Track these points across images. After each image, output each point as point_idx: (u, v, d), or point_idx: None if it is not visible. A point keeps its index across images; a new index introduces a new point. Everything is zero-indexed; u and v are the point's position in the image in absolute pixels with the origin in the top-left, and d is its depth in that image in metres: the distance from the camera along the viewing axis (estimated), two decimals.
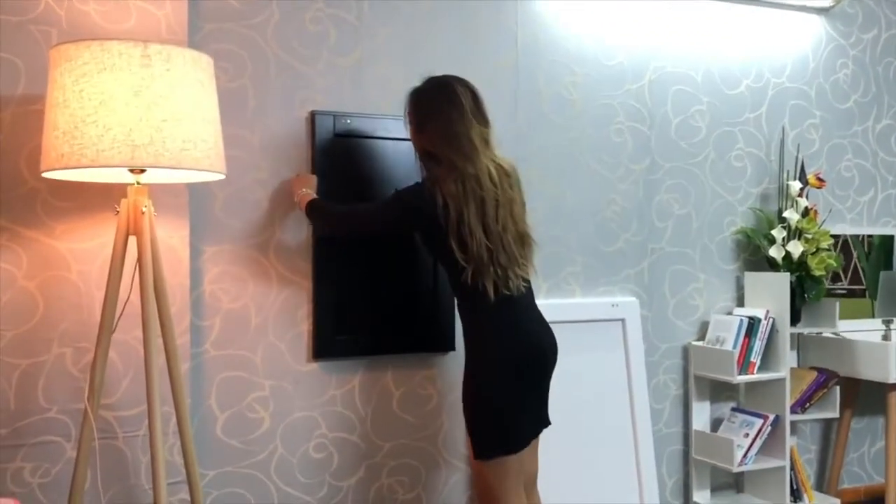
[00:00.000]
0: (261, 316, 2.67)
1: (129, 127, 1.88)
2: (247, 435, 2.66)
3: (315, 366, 2.73)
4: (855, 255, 3.63)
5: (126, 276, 2.15)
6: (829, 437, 3.58)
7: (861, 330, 3.51)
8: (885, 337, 3.57)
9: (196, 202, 2.54)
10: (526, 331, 2.36)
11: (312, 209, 2.51)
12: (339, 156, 2.72)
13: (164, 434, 2.35)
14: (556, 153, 3.06)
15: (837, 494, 3.48)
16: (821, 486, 3.55)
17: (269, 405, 2.68)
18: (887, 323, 3.60)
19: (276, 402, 2.69)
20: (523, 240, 2.38)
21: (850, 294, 3.64)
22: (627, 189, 3.18)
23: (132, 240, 2.12)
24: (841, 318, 3.30)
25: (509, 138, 2.98)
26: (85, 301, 2.35)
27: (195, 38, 2.55)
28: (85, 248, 2.36)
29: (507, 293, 2.31)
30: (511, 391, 2.32)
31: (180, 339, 2.44)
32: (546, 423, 2.45)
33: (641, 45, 3.21)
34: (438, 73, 2.83)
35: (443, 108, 2.34)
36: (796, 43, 3.49)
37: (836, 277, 3.54)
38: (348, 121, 2.73)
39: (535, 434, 2.43)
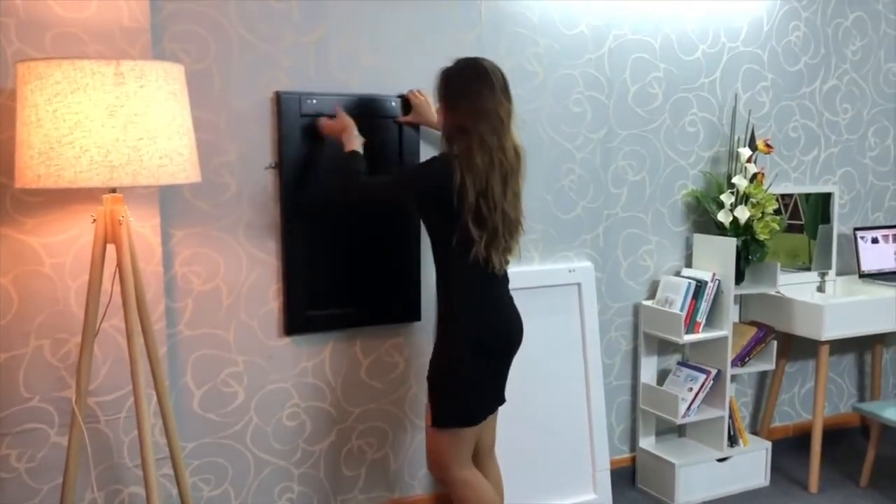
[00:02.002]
0: (232, 296, 2.74)
1: (106, 149, 1.90)
2: (222, 408, 2.78)
3: (286, 340, 2.83)
4: (795, 194, 3.80)
5: (105, 272, 2.19)
6: (765, 382, 3.86)
7: (799, 283, 3.73)
8: (820, 288, 3.82)
9: (165, 186, 2.56)
10: (502, 316, 2.51)
11: (346, 161, 2.53)
12: (305, 137, 2.74)
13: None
14: (518, 125, 3.10)
15: (769, 433, 3.79)
16: (755, 425, 3.86)
17: (243, 379, 2.79)
18: (822, 275, 3.85)
19: (249, 376, 2.80)
20: (516, 225, 2.48)
21: (790, 228, 3.83)
22: (585, 158, 3.27)
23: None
24: (782, 263, 3.49)
25: None
26: (61, 294, 2.40)
27: (157, 20, 2.51)
28: (57, 241, 2.38)
29: (497, 271, 2.44)
30: (480, 370, 2.47)
31: (157, 325, 2.51)
32: (503, 400, 2.61)
33: (603, 13, 3.23)
34: (402, 47, 2.88)
35: (475, 85, 2.40)
36: (753, 5, 3.54)
37: (776, 212, 3.64)
38: (314, 101, 2.73)
39: (493, 411, 2.60)
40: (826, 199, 3.87)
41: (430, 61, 2.91)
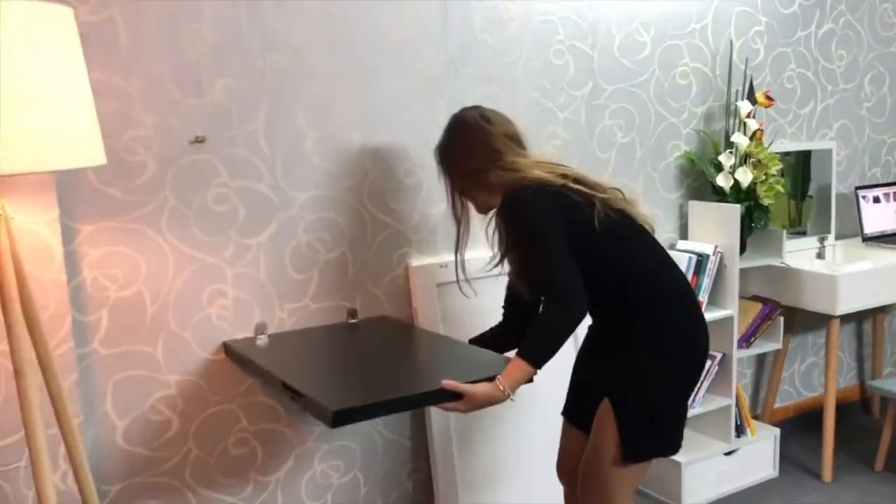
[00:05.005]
0: (157, 302, 2.22)
1: None
2: (154, 441, 2.26)
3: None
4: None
5: None
6: (764, 361, 3.51)
7: (795, 251, 3.37)
8: (819, 255, 3.48)
9: (63, 171, 2.01)
10: (697, 301, 2.18)
11: (539, 359, 1.87)
12: None
13: (53, 459, 1.95)
14: (492, 82, 2.64)
15: (772, 416, 3.45)
16: (755, 408, 3.51)
17: (178, 404, 2.28)
18: (822, 240, 3.50)
19: (184, 399, 2.28)
20: None
21: None
22: (569, 118, 2.82)
23: None
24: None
25: (438, 68, 2.55)
26: None
27: None
28: None
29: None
30: (692, 381, 2.07)
31: (62, 347, 2.00)
32: None
33: None
34: None
35: (457, 137, 2.12)
36: None
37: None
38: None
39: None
40: (807, 155, 3.48)
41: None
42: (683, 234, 3.13)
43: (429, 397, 1.81)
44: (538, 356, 1.85)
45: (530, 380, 1.88)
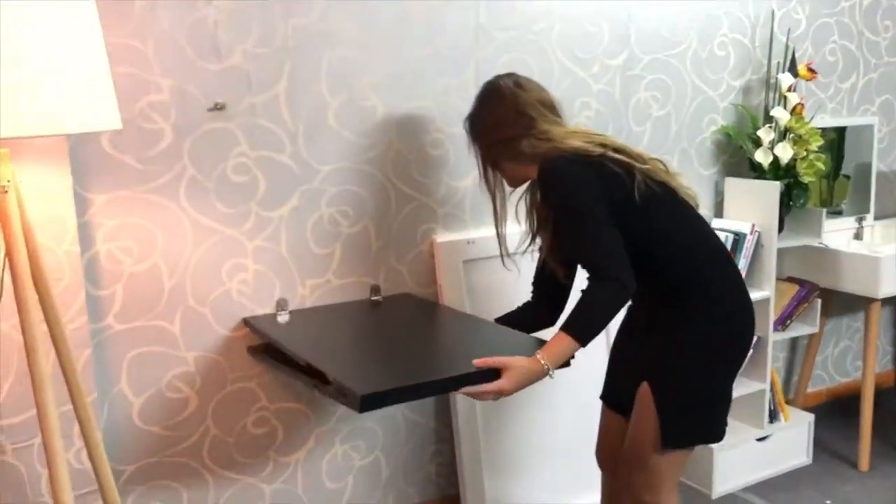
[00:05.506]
0: (175, 276, 2.13)
1: None
2: (170, 419, 2.19)
3: (248, 329, 2.24)
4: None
5: None
6: (798, 344, 3.40)
7: (831, 231, 3.24)
8: (857, 235, 3.35)
9: (77, 136, 1.93)
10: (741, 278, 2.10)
11: (585, 334, 1.74)
12: None
13: (68, 437, 1.89)
14: (523, 50, 2.52)
15: (805, 401, 3.35)
16: (787, 392, 3.41)
17: (196, 381, 2.20)
18: (860, 220, 3.37)
19: (203, 376, 2.21)
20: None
21: None
22: (603, 89, 2.70)
23: None
24: None
25: (467, 34, 2.43)
26: None
27: None
28: None
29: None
30: (736, 363, 2.01)
31: (76, 321, 1.92)
32: None
33: None
34: None
35: (488, 104, 2.00)
36: None
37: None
38: None
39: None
40: (842, 132, 3.33)
41: None
42: (719, 212, 3.01)
43: (463, 380, 1.71)
44: (585, 331, 1.74)
45: (567, 363, 1.78)
